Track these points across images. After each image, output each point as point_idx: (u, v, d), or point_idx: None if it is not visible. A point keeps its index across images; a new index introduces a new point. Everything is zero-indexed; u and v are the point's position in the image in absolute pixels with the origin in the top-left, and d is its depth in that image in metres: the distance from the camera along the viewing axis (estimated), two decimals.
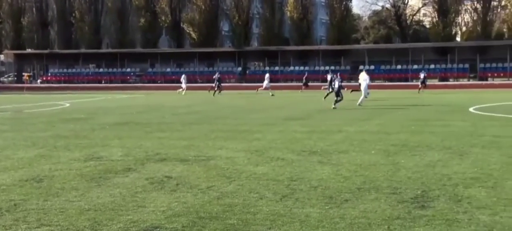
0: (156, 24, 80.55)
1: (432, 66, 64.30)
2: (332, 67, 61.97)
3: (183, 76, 52.93)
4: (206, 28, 77.24)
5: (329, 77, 29.52)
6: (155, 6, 79.97)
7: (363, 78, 31.12)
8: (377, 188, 9.15)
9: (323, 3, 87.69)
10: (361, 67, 46.53)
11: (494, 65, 63.09)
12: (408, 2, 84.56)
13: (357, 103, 29.77)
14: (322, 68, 67.64)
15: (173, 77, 72.18)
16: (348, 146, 14.11)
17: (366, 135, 16.51)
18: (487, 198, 8.37)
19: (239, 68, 72.22)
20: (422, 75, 48.13)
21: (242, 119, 23.08)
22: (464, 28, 75.59)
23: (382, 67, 66.32)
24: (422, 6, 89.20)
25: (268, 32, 77.36)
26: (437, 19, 72.27)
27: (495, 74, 63.20)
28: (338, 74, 31.30)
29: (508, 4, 68.39)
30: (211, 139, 16.02)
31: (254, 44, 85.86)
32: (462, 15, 74.64)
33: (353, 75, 65.86)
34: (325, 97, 33.12)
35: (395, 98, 37.18)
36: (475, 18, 72.05)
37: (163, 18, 79.79)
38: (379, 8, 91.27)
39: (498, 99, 33.55)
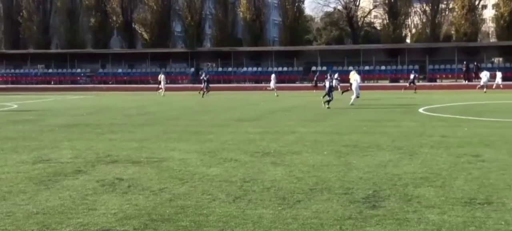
0: (107, 24, 79.53)
1: (383, 67, 65.27)
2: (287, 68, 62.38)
3: (162, 77, 51.98)
4: (158, 28, 76.65)
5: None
6: (106, 6, 78.94)
7: (354, 78, 31.56)
8: (329, 189, 9.23)
9: (276, 5, 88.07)
10: (350, 68, 47.15)
11: (442, 66, 64.43)
12: (359, 4, 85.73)
13: (350, 103, 30.31)
14: (275, 69, 67.93)
15: (125, 78, 71.39)
16: (301, 147, 14.20)
17: (318, 136, 16.65)
18: (435, 198, 8.54)
19: (192, 69, 71.90)
20: (411, 76, 50.14)
21: (195, 120, 23.00)
22: (413, 30, 76.98)
23: (334, 68, 67.01)
24: (373, 8, 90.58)
25: (221, 33, 77.27)
26: (387, 21, 73.40)
27: (444, 76, 64.55)
28: (331, 74, 31.75)
29: (456, 7, 69.93)
30: (163, 140, 15.91)
31: (207, 45, 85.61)
32: (411, 17, 75.97)
33: (306, 76, 66.50)
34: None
35: (345, 100, 37.58)
36: (424, 20, 73.45)
37: (114, 18, 78.84)
38: (331, 9, 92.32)
39: (446, 100, 34.28)
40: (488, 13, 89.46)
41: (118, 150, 14.07)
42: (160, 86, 50.02)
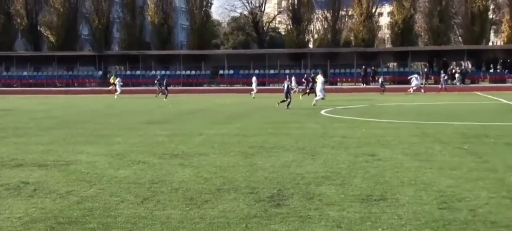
0: (11, 27, 76.41)
1: (287, 71, 66.34)
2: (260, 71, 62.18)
3: (118, 79, 50.75)
4: (65, 31, 74.49)
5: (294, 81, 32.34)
6: (9, 8, 75.85)
7: (320, 81, 32.70)
8: (235, 189, 9.32)
9: (183, 9, 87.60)
10: (318, 70, 47.89)
11: (342, 70, 66.24)
12: (264, 10, 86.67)
13: (312, 104, 31.30)
14: (183, 72, 67.61)
15: (31, 81, 68.85)
16: (209, 149, 14.23)
17: (225, 138, 16.74)
18: (336, 195, 8.80)
19: (100, 72, 70.33)
20: (380, 80, 52.04)
21: (102, 123, 22.54)
22: (316, 36, 78.64)
23: (241, 72, 67.49)
24: (278, 14, 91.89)
25: (129, 36, 76.07)
26: (291, 26, 74.62)
27: (344, 79, 66.33)
28: (290, 77, 33.52)
29: (355, 14, 72.04)
30: (71, 144, 15.51)
31: (115, 49, 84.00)
32: (314, 23, 77.60)
33: (213, 80, 66.60)
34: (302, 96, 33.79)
35: (254, 103, 37.92)
36: (325, 26, 75.23)
37: (18, 20, 75.90)
38: (237, 15, 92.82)
39: (346, 103, 35.20)
40: (384, 21, 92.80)
41: (24, 153, 13.60)
42: (113, 88, 48.77)
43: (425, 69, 64.94)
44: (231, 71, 67.25)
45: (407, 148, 13.91)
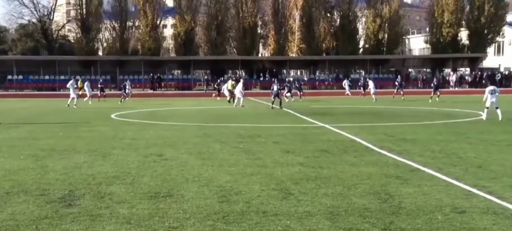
0: None
1: (78, 77, 63.69)
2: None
3: (86, 83, 42.06)
4: None
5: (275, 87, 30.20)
6: None
7: (239, 88, 34.25)
8: (26, 191, 8.70)
9: None
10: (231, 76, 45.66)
11: (131, 77, 65.36)
12: (53, 18, 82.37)
13: (234, 105, 31.82)
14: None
15: None
16: None
17: (15, 141, 15.57)
18: (126, 194, 8.63)
19: None
20: (297, 85, 47.23)
21: None
22: (105, 44, 76.63)
23: (31, 77, 63.44)
24: (67, 23, 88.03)
25: None
26: (80, 35, 71.90)
27: (133, 85, 65.33)
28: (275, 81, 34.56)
29: (141, 25, 71.52)
30: None
31: None
32: (103, 32, 75.53)
33: (1, 85, 61.68)
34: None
35: (40, 107, 35.79)
36: (114, 35, 73.65)
37: None
38: (25, 22, 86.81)
39: (138, 106, 34.66)
40: (168, 32, 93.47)
41: None
42: (82, 92, 40.75)
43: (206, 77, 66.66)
44: (21, 77, 62.87)
45: (191, 148, 14.13)
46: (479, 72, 65.03)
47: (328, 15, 72.58)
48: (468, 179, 9.70)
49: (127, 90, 42.69)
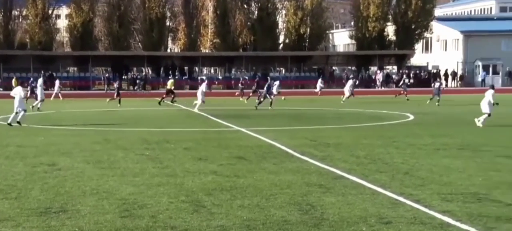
0: None
1: None
2: None
3: (40, 81, 37.43)
4: None
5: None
6: None
7: (202, 88, 33.84)
8: None
9: None
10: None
11: (18, 74, 63.03)
12: None
13: (195, 109, 30.98)
14: None
15: None
16: None
17: None
18: (10, 210, 8.35)
19: None
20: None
21: None
22: None
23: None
24: None
25: None
26: None
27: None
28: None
29: (30, 15, 69.17)
30: None
31: None
32: None
33: None
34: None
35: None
36: None
37: None
38: None
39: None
40: (62, 23, 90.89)
41: None
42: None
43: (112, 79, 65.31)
44: None
45: (89, 156, 13.84)
46: (406, 71, 67.43)
47: (245, 6, 73.04)
48: (394, 187, 10.07)
49: (39, 91, 36.18)
